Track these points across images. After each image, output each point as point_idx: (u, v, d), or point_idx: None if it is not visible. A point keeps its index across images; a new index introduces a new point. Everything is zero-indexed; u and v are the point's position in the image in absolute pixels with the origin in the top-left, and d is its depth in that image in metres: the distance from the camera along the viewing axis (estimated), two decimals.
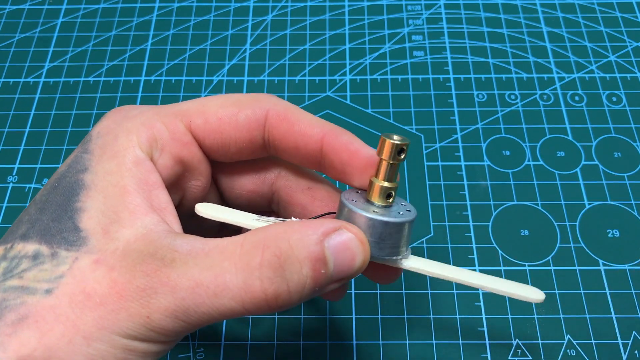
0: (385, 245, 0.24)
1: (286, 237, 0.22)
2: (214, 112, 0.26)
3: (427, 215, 0.38)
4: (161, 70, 0.45)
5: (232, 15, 0.49)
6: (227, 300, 0.21)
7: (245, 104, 0.26)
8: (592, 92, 0.43)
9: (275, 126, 0.26)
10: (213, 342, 0.33)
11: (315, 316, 0.34)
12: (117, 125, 0.25)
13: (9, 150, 0.42)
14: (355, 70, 0.45)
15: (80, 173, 0.24)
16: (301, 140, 0.26)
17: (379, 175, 0.25)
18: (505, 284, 0.26)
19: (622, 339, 0.33)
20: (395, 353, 0.33)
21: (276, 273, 0.21)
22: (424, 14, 0.48)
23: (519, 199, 0.38)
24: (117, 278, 0.21)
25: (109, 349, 0.21)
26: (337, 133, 0.26)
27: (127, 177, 0.23)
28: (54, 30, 0.48)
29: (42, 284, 0.21)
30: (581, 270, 0.36)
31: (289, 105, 0.27)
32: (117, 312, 0.21)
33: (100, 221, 0.22)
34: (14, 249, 0.22)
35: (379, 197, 0.25)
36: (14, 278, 0.21)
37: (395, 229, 0.24)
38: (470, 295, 0.35)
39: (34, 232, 0.23)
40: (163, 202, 0.24)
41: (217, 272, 0.21)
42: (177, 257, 0.21)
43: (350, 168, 0.26)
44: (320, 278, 0.22)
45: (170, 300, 0.21)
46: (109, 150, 0.24)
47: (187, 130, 0.26)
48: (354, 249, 0.23)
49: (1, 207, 0.39)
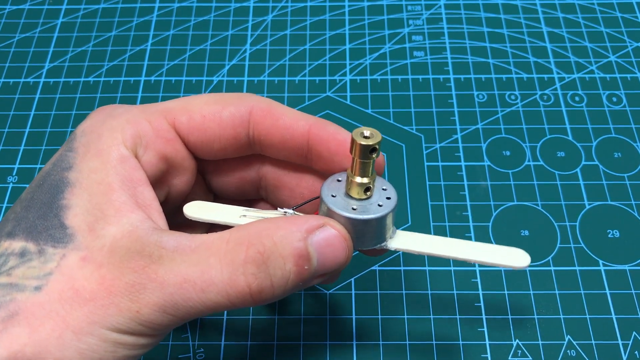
0: (368, 238, 0.25)
1: (270, 234, 0.22)
2: (198, 109, 0.26)
3: (427, 215, 0.38)
4: (161, 71, 0.45)
5: (232, 16, 0.49)
6: (213, 295, 0.22)
7: (228, 101, 0.27)
8: (592, 93, 0.43)
9: (260, 122, 0.27)
10: (213, 342, 0.33)
11: (315, 316, 0.34)
12: (102, 123, 0.25)
13: (9, 150, 0.42)
14: (356, 70, 0.45)
15: (65, 171, 0.24)
16: (287, 134, 0.27)
17: (355, 172, 0.25)
18: (488, 253, 0.26)
19: (622, 339, 0.33)
20: (395, 353, 0.33)
21: (260, 269, 0.22)
22: (424, 14, 0.48)
23: (519, 199, 0.38)
24: (105, 274, 0.22)
25: (99, 342, 0.21)
26: (323, 124, 0.27)
27: (112, 175, 0.24)
28: (54, 30, 0.48)
29: (31, 281, 0.21)
30: (581, 271, 0.36)
31: (273, 102, 0.27)
32: (107, 308, 0.21)
33: (85, 218, 0.23)
34: (1, 246, 0.23)
35: (357, 193, 0.25)
36: (2, 275, 0.22)
37: (375, 223, 0.24)
38: (470, 295, 0.35)
39: (20, 230, 0.23)
40: (148, 199, 0.24)
41: (204, 268, 0.22)
42: (164, 254, 0.22)
43: (338, 157, 0.26)
44: (304, 273, 0.23)
45: (159, 295, 0.21)
46: (93, 148, 0.24)
47: (171, 128, 0.26)
48: (337, 245, 0.24)
49: (1, 207, 0.39)
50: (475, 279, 0.35)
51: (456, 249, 0.26)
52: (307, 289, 0.35)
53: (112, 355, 0.21)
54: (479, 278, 0.35)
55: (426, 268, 0.36)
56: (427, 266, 0.36)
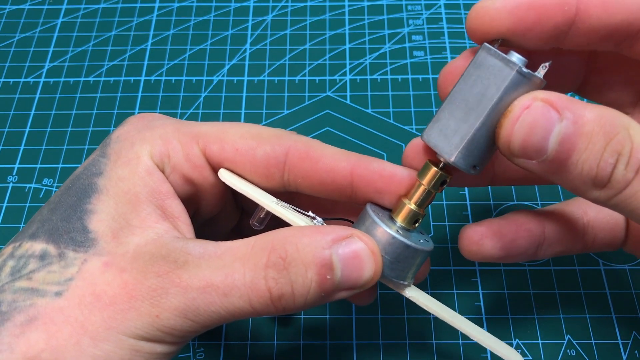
0: (398, 267, 0.24)
1: (295, 241, 0.22)
2: (232, 141, 0.25)
3: (427, 215, 0.38)
4: (161, 70, 0.45)
5: (232, 15, 0.49)
6: (235, 299, 0.21)
7: (265, 139, 0.25)
8: None
9: (297, 165, 0.25)
10: (213, 342, 0.34)
11: (315, 316, 0.34)
12: (137, 132, 0.25)
13: (9, 150, 0.42)
14: (356, 70, 0.45)
15: (95, 177, 0.24)
16: (327, 177, 0.25)
17: (412, 198, 0.24)
18: (492, 340, 0.26)
19: (622, 339, 0.33)
20: (395, 353, 0.33)
21: (281, 274, 0.22)
22: (424, 14, 0.48)
23: (519, 199, 0.38)
24: (128, 279, 0.21)
25: (116, 349, 0.21)
26: (366, 162, 0.25)
27: (140, 186, 0.24)
28: (54, 30, 0.48)
29: (51, 287, 0.21)
30: (581, 270, 0.36)
31: (311, 141, 0.26)
32: (126, 312, 0.21)
33: (110, 225, 0.23)
34: (22, 247, 0.23)
35: (405, 220, 0.24)
36: (22, 279, 0.21)
37: (413, 253, 0.24)
38: (470, 295, 0.35)
39: (42, 232, 0.23)
40: (176, 212, 0.24)
41: (228, 272, 0.21)
42: (189, 260, 0.22)
43: (388, 195, 0.25)
44: (326, 284, 0.22)
45: (181, 299, 0.21)
46: (123, 156, 0.24)
47: (202, 154, 0.25)
48: (364, 258, 0.23)
49: (1, 207, 0.39)
50: (475, 278, 0.35)
51: (464, 324, 0.26)
52: None
53: None
54: (479, 278, 0.35)
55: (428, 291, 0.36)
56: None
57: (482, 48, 0.22)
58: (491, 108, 0.21)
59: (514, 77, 0.21)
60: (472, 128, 0.22)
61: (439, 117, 0.23)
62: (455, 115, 0.22)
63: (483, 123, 0.22)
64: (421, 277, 0.29)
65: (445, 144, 0.23)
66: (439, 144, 0.23)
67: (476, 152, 0.22)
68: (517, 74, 0.21)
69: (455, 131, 0.22)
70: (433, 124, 0.23)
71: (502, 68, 0.21)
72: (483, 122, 0.22)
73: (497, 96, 0.21)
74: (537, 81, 0.22)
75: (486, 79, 0.22)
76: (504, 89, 0.21)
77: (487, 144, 0.22)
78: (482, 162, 0.23)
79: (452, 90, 0.23)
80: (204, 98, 0.44)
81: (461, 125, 0.22)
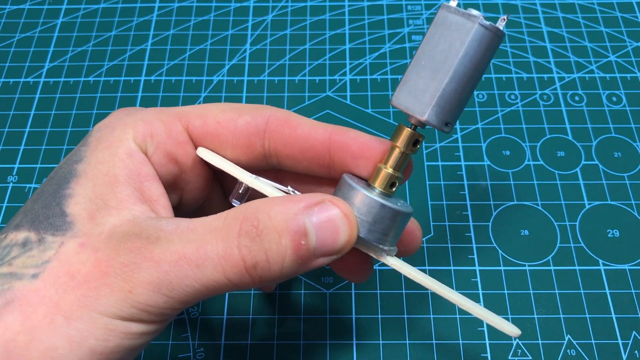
0: (376, 229, 0.24)
1: (267, 210, 0.22)
2: (213, 115, 0.26)
3: (427, 215, 0.38)
4: (161, 70, 0.45)
5: (232, 15, 0.49)
6: (209, 271, 0.21)
7: (245, 110, 0.26)
8: (592, 92, 0.43)
9: (277, 131, 0.26)
10: (213, 342, 0.33)
11: (316, 316, 0.34)
12: (118, 120, 0.25)
13: (9, 150, 0.42)
14: (356, 70, 0.45)
15: (75, 163, 0.24)
16: (306, 143, 0.26)
17: (388, 162, 0.25)
18: (481, 309, 0.26)
19: (622, 339, 0.33)
20: (395, 353, 0.33)
21: (254, 242, 0.22)
22: (424, 14, 0.48)
23: (519, 199, 0.38)
24: (101, 257, 0.21)
25: (89, 328, 0.21)
26: (343, 130, 0.26)
27: (119, 167, 0.24)
28: (54, 30, 0.48)
29: (29, 270, 0.21)
30: (581, 270, 0.36)
31: (290, 112, 0.27)
32: (99, 289, 0.21)
33: (86, 207, 0.23)
34: (7, 238, 0.23)
35: (382, 184, 0.25)
36: (3, 266, 0.22)
37: (390, 213, 0.24)
38: (470, 295, 0.35)
39: (25, 221, 0.23)
40: (155, 194, 0.24)
41: (200, 244, 0.22)
42: (162, 235, 0.22)
43: (363, 160, 0.26)
44: (301, 250, 0.22)
45: (154, 273, 0.21)
46: (104, 141, 0.24)
47: (184, 131, 0.26)
48: (337, 222, 0.23)
49: (1, 207, 0.39)
50: (475, 278, 0.35)
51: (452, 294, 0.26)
52: (308, 288, 0.35)
53: (104, 344, 0.21)
54: (479, 278, 0.35)
55: (426, 267, 0.36)
56: (427, 266, 0.36)
57: (442, 7, 0.23)
58: (458, 62, 0.22)
59: (477, 30, 0.22)
60: (442, 84, 0.23)
61: (406, 80, 0.24)
62: (422, 75, 0.23)
63: (452, 78, 0.23)
64: (411, 250, 0.29)
65: (416, 104, 0.23)
66: (409, 105, 0.23)
67: (447, 107, 0.23)
68: (479, 26, 0.22)
69: (425, 90, 0.23)
70: (401, 87, 0.24)
71: (464, 23, 0.22)
72: (451, 77, 0.23)
73: (463, 50, 0.22)
74: (498, 32, 0.23)
75: (449, 35, 0.23)
76: (469, 42, 0.22)
77: (457, 100, 0.23)
78: (453, 119, 0.24)
79: (416, 53, 0.24)
80: (204, 98, 0.44)
81: (430, 83, 0.23)
